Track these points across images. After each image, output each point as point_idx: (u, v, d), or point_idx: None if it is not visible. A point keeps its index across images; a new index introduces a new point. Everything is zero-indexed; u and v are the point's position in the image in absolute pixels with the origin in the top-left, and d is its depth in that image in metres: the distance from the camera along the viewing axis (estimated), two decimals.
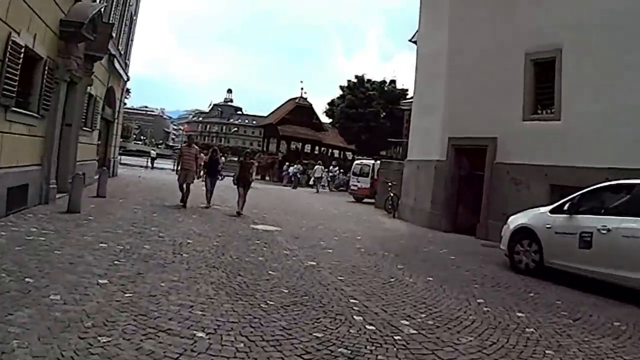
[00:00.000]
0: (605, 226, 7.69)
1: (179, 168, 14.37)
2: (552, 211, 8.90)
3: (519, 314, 6.30)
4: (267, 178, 43.59)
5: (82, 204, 11.11)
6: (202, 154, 17.18)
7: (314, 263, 8.41)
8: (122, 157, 42.56)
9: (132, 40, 24.54)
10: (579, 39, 12.16)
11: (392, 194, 19.80)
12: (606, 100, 11.43)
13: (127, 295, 5.30)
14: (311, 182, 36.68)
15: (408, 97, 33.22)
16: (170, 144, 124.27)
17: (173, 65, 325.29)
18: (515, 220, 9.69)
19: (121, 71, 21.29)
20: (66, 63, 11.55)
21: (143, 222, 10.53)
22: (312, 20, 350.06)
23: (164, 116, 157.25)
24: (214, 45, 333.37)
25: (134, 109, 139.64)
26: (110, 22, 16.30)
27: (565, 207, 8.58)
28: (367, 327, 5.22)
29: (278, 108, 54.90)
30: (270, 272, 7.33)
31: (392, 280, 7.68)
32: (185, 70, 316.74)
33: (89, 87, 14.79)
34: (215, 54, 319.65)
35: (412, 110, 19.51)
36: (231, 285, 6.32)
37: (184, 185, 14.17)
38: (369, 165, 26.98)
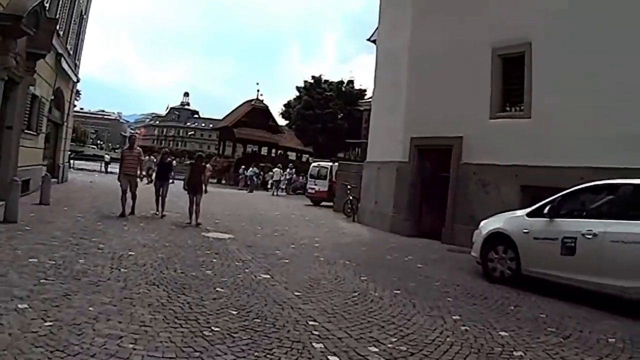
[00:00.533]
0: (591, 230, 6.98)
1: (120, 173, 12.93)
2: (529, 214, 8.17)
3: (502, 333, 5.49)
4: (224, 182, 43.16)
5: (22, 212, 10.03)
6: (146, 157, 15.93)
7: (268, 276, 7.45)
8: (78, 161, 41.22)
9: (82, 40, 23.08)
10: (549, 31, 11.62)
11: (351, 197, 18.98)
12: (580, 96, 10.87)
13: (46, 324, 4.35)
14: (268, 186, 35.86)
15: (367, 97, 32.62)
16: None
17: (131, 69, 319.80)
18: (488, 225, 8.92)
19: (70, 72, 19.77)
20: (3, 60, 10.40)
21: (84, 232, 9.45)
22: (271, 27, 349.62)
23: (121, 120, 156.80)
24: (172, 50, 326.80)
25: (90, 113, 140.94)
26: (56, 17, 14.90)
27: (545, 210, 7.85)
28: (330, 358, 4.28)
29: (234, 110, 53.59)
30: (218, 289, 6.33)
31: (355, 294, 6.75)
32: (143, 74, 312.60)
33: (31, 87, 13.41)
34: (173, 59, 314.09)
35: (372, 109, 18.76)
36: (172, 307, 5.32)
37: (127, 192, 12.74)
38: (327, 168, 26.24)
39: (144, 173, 16.41)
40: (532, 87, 11.96)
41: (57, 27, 15.83)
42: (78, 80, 23.60)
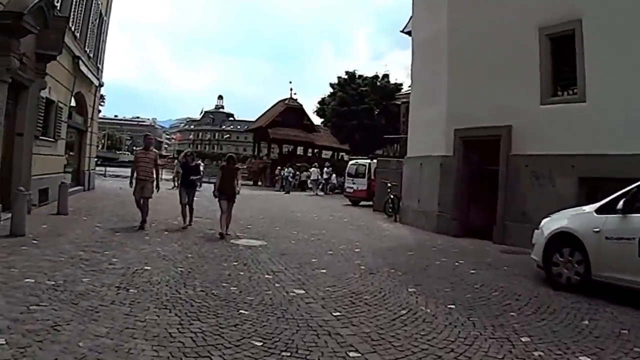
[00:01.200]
0: None
1: (134, 178, 11.74)
2: (599, 210, 7.20)
3: (583, 358, 4.61)
4: (260, 183, 43.00)
5: (35, 224, 9.75)
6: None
7: (302, 291, 6.74)
8: (113, 168, 41.30)
9: (103, 42, 22.78)
10: (600, 4, 10.59)
11: (392, 196, 18.14)
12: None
13: None
14: (309, 185, 35.24)
15: (403, 90, 31.54)
16: (163, 153, 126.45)
17: (165, 75, 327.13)
18: (551, 224, 7.96)
19: (90, 75, 19.47)
20: (4, 61, 9.89)
21: (99, 244, 8.95)
22: (302, 26, 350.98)
23: (156, 126, 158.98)
24: (205, 54, 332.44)
25: (125, 120, 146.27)
26: (67, 16, 14.51)
27: (619, 205, 6.87)
28: None
29: (268, 110, 53.09)
30: (242, 310, 5.62)
31: (403, 312, 5.96)
32: (177, 79, 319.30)
33: (43, 91, 13.07)
34: (206, 62, 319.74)
35: (410, 102, 17.86)
36: (182, 338, 4.60)
37: (142, 201, 11.64)
38: (365, 165, 25.34)
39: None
40: (585, 68, 10.94)
41: (73, 29, 15.51)
42: (101, 85, 23.33)
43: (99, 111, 27.23)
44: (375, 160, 24.57)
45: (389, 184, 18.59)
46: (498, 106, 12.38)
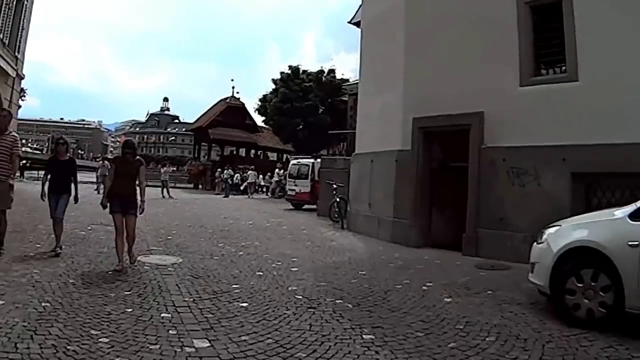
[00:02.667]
0: None
1: None
2: (634, 215, 5.13)
3: None
4: (200, 187, 41.44)
5: None
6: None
7: (206, 344, 4.49)
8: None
9: (23, 30, 19.92)
10: None
11: (337, 199, 15.89)
12: None
13: None
14: (242, 188, 33.70)
15: (351, 81, 29.49)
16: (109, 156, 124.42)
17: (111, 77, 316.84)
18: (562, 236, 5.77)
19: (5, 65, 16.51)
20: None
21: None
22: (250, 29, 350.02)
23: (102, 129, 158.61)
24: (151, 56, 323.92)
25: (70, 123, 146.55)
26: None
27: None
28: None
29: (208, 110, 50.54)
30: None
31: None
32: (123, 82, 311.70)
33: None
34: (153, 65, 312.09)
35: (359, 91, 15.69)
36: None
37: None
38: (308, 166, 23.11)
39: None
40: (575, 39, 9.05)
41: None
42: (21, 77, 20.72)
43: (19, 106, 24.10)
44: (319, 160, 22.36)
45: (335, 185, 16.36)
46: (466, 90, 10.40)
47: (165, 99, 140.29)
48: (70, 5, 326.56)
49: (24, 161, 30.61)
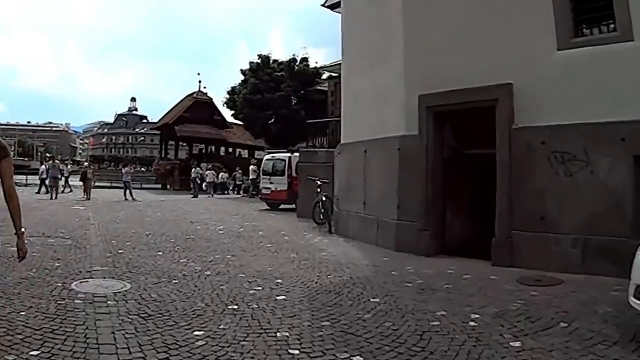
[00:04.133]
0: None
1: None
2: None
3: None
4: (169, 187, 39.19)
5: None
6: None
7: None
8: (23, 176, 34.75)
9: None
10: None
11: (323, 198, 13.86)
12: None
13: None
14: (204, 187, 31.72)
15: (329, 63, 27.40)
16: (77, 159, 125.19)
17: (78, 79, 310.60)
18: None
19: None
20: None
21: None
22: (217, 27, 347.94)
23: (70, 131, 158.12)
24: (118, 57, 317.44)
25: (38, 126, 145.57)
26: None
27: None
28: None
29: (175, 106, 48.14)
30: None
31: None
32: (90, 83, 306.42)
33: None
34: (122, 66, 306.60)
35: (343, 70, 13.68)
36: None
37: None
38: (284, 160, 21.13)
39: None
40: None
41: None
42: None
43: None
44: (296, 154, 20.31)
45: (319, 182, 14.31)
46: (487, 57, 8.46)
47: (133, 99, 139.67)
48: (34, 5, 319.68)
49: None
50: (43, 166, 28.96)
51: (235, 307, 5.64)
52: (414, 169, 9.40)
